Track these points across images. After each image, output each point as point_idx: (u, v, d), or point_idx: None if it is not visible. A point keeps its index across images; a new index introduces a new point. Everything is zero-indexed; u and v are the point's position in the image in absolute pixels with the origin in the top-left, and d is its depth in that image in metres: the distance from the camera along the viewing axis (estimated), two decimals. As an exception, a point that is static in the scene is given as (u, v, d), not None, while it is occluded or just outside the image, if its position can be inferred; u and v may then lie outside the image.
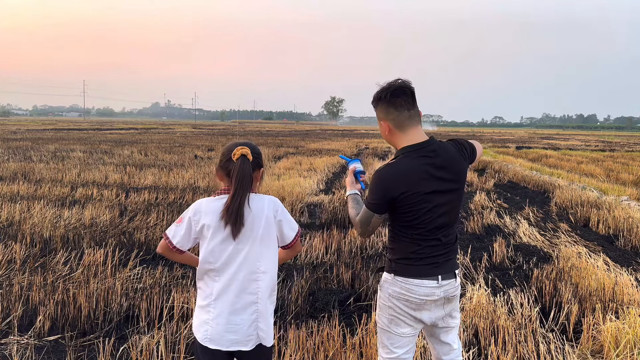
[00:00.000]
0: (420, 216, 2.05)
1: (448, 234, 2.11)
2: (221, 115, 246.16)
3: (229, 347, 2.01)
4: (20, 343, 3.34)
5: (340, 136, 40.77)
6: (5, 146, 19.36)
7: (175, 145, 22.54)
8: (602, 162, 18.67)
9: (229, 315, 2.00)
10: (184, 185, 10.02)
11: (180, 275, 4.63)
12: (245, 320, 2.01)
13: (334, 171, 13.55)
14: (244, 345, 2.02)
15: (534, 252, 5.73)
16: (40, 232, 5.88)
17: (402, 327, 2.13)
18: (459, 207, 2.16)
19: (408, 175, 2.03)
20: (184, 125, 72.12)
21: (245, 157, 2.01)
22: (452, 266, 2.12)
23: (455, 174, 2.10)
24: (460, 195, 2.15)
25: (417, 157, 2.05)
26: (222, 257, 2.01)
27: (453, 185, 2.09)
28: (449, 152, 2.12)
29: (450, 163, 2.09)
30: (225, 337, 2.00)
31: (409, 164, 2.05)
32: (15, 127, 43.94)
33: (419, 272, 2.06)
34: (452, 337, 2.24)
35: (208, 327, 2.02)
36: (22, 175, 10.95)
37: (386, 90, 2.08)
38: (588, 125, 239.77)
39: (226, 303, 2.01)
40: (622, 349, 3.17)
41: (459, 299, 2.21)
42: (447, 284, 2.09)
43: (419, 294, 2.06)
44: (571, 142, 40.37)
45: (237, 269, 2.01)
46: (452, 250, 2.15)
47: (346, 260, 5.12)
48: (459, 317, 2.24)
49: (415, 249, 2.07)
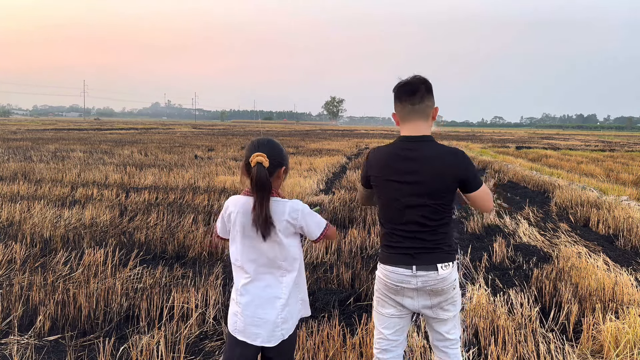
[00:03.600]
0: (385, 201, 2.25)
1: (421, 229, 2.17)
2: (221, 115, 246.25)
3: (254, 340, 2.11)
4: (21, 343, 3.34)
5: (340, 136, 40.77)
6: (5, 146, 19.37)
7: (176, 145, 22.55)
8: (602, 162, 18.66)
9: (255, 309, 2.11)
10: (184, 185, 10.02)
11: (181, 275, 4.63)
12: (271, 315, 2.11)
13: (334, 171, 13.56)
14: (268, 342, 2.11)
15: (534, 252, 5.73)
16: (40, 232, 5.88)
17: (386, 307, 2.32)
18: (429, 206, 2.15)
19: (380, 159, 2.26)
20: (184, 125, 72.13)
21: (261, 166, 2.04)
22: (432, 259, 2.17)
23: (424, 173, 2.13)
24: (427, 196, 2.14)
25: (396, 146, 2.22)
26: (246, 255, 2.13)
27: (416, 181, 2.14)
28: (433, 153, 2.16)
29: (425, 161, 2.14)
30: (250, 330, 2.11)
31: (386, 150, 2.26)
32: (16, 127, 43.95)
33: (394, 260, 2.22)
34: (445, 328, 2.31)
35: (237, 319, 2.15)
36: (22, 175, 10.95)
37: (396, 85, 2.26)
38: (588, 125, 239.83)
39: (252, 297, 2.12)
40: (622, 349, 3.17)
41: (452, 293, 2.23)
42: (425, 275, 2.16)
43: (394, 280, 2.22)
44: (571, 142, 40.36)
45: (260, 266, 2.13)
46: (432, 247, 2.18)
47: (346, 260, 5.12)
48: (453, 310, 2.28)
49: (390, 238, 2.24)
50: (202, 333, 3.54)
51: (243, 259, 2.13)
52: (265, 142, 2.13)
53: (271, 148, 2.12)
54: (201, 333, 3.54)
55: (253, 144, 2.12)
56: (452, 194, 2.20)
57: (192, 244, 5.48)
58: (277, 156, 2.12)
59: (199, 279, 4.47)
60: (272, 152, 2.11)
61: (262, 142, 2.13)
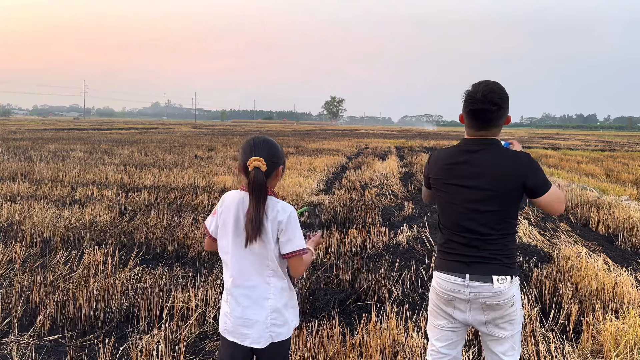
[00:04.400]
0: (443, 205, 2.17)
1: (479, 237, 2.06)
2: (221, 115, 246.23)
3: (243, 341, 2.08)
4: (21, 343, 3.34)
5: (340, 136, 40.75)
6: (5, 146, 19.36)
7: (176, 145, 22.54)
8: (602, 161, 18.67)
9: (244, 310, 2.08)
10: (184, 185, 10.02)
11: (181, 275, 4.63)
12: (260, 316, 2.07)
13: (334, 171, 13.56)
14: (257, 343, 2.07)
15: (534, 251, 5.73)
16: (40, 232, 5.88)
17: (438, 319, 2.21)
18: (489, 213, 2.04)
19: (440, 160, 2.19)
20: (184, 125, 72.12)
21: (258, 170, 2.01)
22: (488, 270, 2.04)
23: (486, 177, 2.03)
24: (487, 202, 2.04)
25: (458, 149, 2.15)
26: (236, 251, 2.08)
27: (476, 186, 2.04)
28: (496, 156, 2.06)
29: (487, 165, 2.04)
30: (239, 330, 2.08)
31: (447, 152, 2.19)
32: (16, 127, 43.95)
33: (447, 266, 2.12)
34: (501, 348, 2.14)
35: (227, 320, 2.12)
36: (22, 175, 10.95)
37: (467, 98, 2.09)
38: (588, 125, 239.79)
39: (241, 298, 2.09)
40: (622, 349, 3.17)
41: (510, 310, 2.07)
42: (479, 287, 2.03)
43: (445, 289, 2.12)
44: (571, 142, 40.36)
45: (248, 265, 2.08)
46: (490, 257, 2.05)
47: (346, 260, 5.12)
48: (511, 330, 2.11)
49: (447, 245, 2.15)
50: (202, 333, 3.54)
51: (232, 254, 2.09)
52: (261, 144, 2.07)
53: (268, 149, 2.07)
54: (201, 333, 3.54)
55: (249, 145, 2.07)
56: (516, 202, 2.06)
57: (192, 244, 5.49)
58: (274, 157, 2.08)
59: (199, 278, 4.47)
60: (269, 153, 2.07)
61: (257, 143, 2.07)
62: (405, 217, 7.45)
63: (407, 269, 4.90)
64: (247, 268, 2.08)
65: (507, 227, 2.07)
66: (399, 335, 3.34)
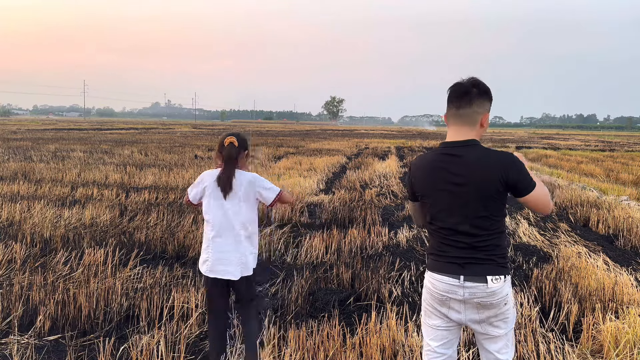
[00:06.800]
0: (431, 210, 2.15)
1: (470, 238, 2.05)
2: (221, 115, 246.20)
3: (223, 275, 2.82)
4: (21, 343, 3.34)
5: (340, 136, 40.76)
6: (5, 146, 19.37)
7: (176, 145, 22.54)
8: (601, 162, 18.67)
9: (220, 253, 2.83)
10: (184, 185, 10.01)
11: (181, 275, 4.63)
12: (233, 256, 2.82)
13: (334, 171, 13.56)
14: (233, 276, 2.82)
15: (534, 251, 5.73)
16: (40, 232, 5.88)
17: (433, 319, 2.22)
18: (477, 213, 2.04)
19: (422, 167, 2.20)
20: (184, 125, 72.13)
21: (232, 144, 2.85)
22: (482, 270, 2.05)
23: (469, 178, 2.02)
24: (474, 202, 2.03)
25: (437, 153, 2.15)
26: (214, 211, 2.85)
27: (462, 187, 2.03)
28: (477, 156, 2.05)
29: (469, 166, 2.04)
30: (218, 267, 2.82)
31: (427, 157, 2.19)
32: (16, 127, 43.96)
33: (441, 267, 2.12)
34: (495, 347, 2.16)
35: (208, 262, 2.85)
36: (23, 175, 10.95)
37: (449, 92, 2.16)
38: (588, 125, 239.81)
39: (218, 244, 2.83)
40: (622, 349, 3.17)
41: (503, 309, 2.09)
42: (473, 287, 2.04)
43: (440, 289, 2.12)
44: (571, 142, 40.37)
45: (224, 220, 2.83)
46: (483, 257, 2.06)
47: (346, 260, 5.12)
48: (504, 328, 2.13)
49: (438, 245, 2.15)
50: (202, 333, 3.54)
51: (210, 213, 2.85)
52: (235, 133, 2.94)
53: (238, 135, 2.92)
54: (201, 333, 3.53)
55: (227, 133, 2.94)
56: (501, 201, 2.06)
57: (192, 244, 5.49)
58: (243, 141, 2.91)
59: (199, 278, 4.46)
60: (240, 137, 2.90)
61: (231, 133, 2.93)
62: (405, 217, 7.45)
63: (407, 269, 4.91)
64: (222, 224, 2.82)
65: (497, 225, 2.07)
66: (399, 335, 3.34)
